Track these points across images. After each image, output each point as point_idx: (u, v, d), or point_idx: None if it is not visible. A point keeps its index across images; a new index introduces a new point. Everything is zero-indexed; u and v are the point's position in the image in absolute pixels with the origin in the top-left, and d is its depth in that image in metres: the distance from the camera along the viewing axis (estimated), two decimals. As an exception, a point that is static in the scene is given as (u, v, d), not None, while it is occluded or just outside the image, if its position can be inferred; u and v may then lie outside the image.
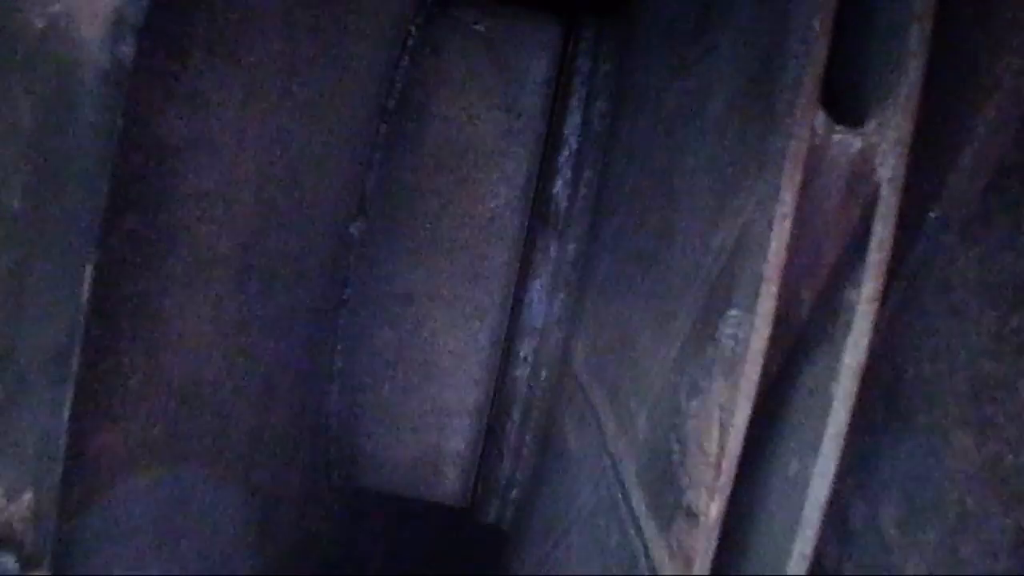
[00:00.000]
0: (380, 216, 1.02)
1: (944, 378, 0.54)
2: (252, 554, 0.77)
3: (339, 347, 1.03)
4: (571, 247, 1.08)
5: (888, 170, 0.47)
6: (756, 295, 0.48)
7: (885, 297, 0.64)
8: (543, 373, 1.08)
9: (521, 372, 1.08)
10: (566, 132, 1.10)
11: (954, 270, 0.54)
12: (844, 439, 0.49)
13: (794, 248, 0.49)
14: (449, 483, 1.14)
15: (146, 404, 0.52)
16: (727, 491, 0.48)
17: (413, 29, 1.06)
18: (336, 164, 0.90)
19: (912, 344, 0.58)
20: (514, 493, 1.14)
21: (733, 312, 0.51)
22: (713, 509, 0.49)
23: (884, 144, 0.47)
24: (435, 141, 1.05)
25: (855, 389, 0.49)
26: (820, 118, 0.47)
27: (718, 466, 0.49)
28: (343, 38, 0.81)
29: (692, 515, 0.51)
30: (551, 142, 1.08)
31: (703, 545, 0.49)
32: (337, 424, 1.05)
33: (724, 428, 0.49)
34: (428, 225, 1.04)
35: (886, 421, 0.60)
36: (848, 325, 0.48)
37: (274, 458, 0.83)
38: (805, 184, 0.48)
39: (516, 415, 1.10)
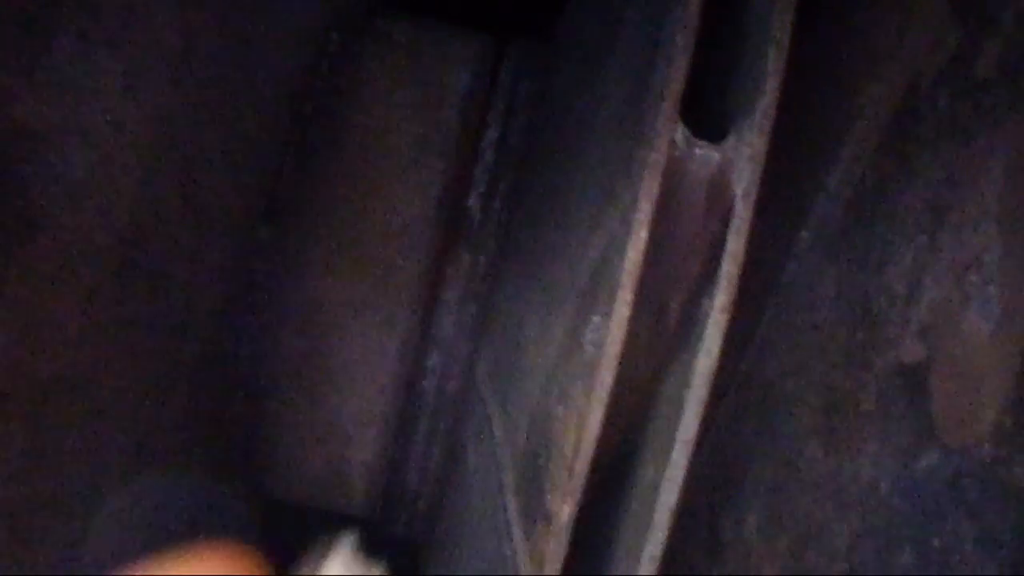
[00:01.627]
0: (291, 221, 1.01)
1: (804, 392, 0.55)
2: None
3: (243, 353, 1.02)
4: (483, 259, 1.08)
5: (743, 185, 0.48)
6: (613, 301, 0.48)
7: (760, 315, 0.65)
8: (450, 385, 1.08)
9: (429, 383, 1.08)
10: (483, 146, 1.10)
11: (819, 288, 0.55)
12: (693, 446, 0.50)
13: (658, 259, 0.50)
14: (357, 495, 1.13)
15: (2, 393, 0.51)
16: (578, 494, 0.49)
17: (334, 36, 1.06)
18: (241, 166, 0.89)
19: (779, 359, 0.59)
20: (421, 505, 1.14)
21: (595, 319, 0.52)
22: (565, 511, 0.49)
23: (740, 160, 0.48)
24: (351, 149, 1.05)
25: (706, 396, 0.49)
26: (680, 132, 0.48)
27: (571, 469, 0.49)
28: (251, 39, 0.81)
29: (548, 518, 0.52)
30: (468, 155, 1.08)
31: (554, 547, 0.50)
32: (241, 432, 1.03)
33: (579, 431, 0.49)
34: (340, 232, 1.04)
35: (755, 435, 0.61)
36: (701, 334, 0.49)
37: (164, 463, 0.82)
38: (666, 196, 0.48)
39: (423, 426, 1.09)
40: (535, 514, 0.55)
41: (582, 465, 0.48)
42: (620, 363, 0.48)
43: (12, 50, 0.45)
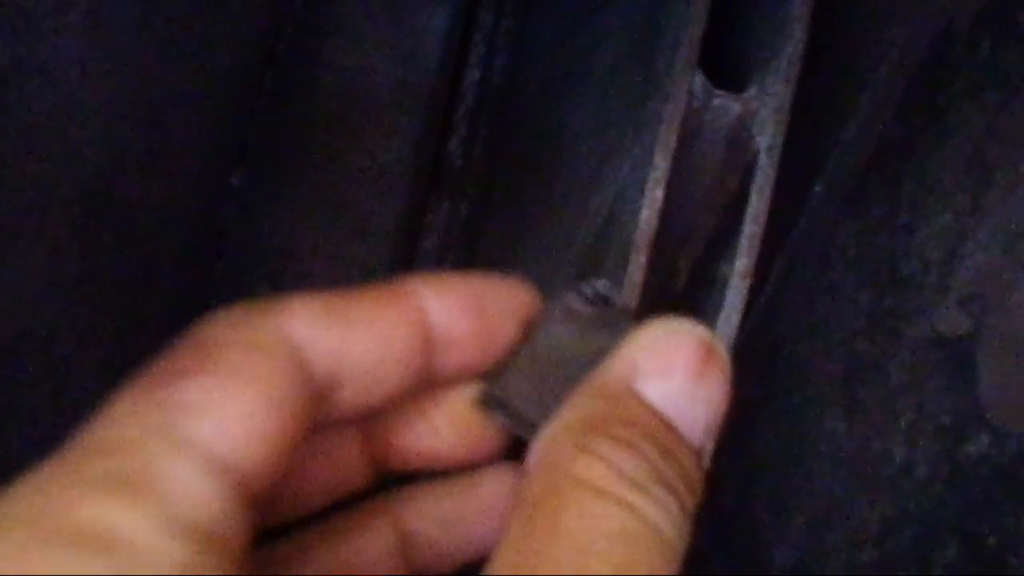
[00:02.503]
0: (263, 167, 0.97)
1: (819, 357, 0.52)
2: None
3: (214, 302, 0.98)
4: (463, 207, 1.04)
5: (767, 138, 0.44)
6: (625, 263, 0.45)
7: (767, 271, 0.62)
8: (429, 337, 1.04)
9: (407, 335, 1.03)
10: (464, 88, 1.06)
11: (834, 246, 0.52)
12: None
13: (669, 216, 0.46)
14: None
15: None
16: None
17: (307, -29, 1.00)
18: (211, 107, 0.84)
19: (790, 320, 0.56)
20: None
21: (602, 281, 0.48)
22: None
23: (764, 111, 0.44)
24: (325, 91, 1.00)
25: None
26: (698, 81, 0.45)
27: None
28: (221, -27, 0.76)
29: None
30: (448, 98, 1.04)
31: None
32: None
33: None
34: (314, 178, 0.99)
35: (761, 399, 0.58)
36: (720, 300, 0.46)
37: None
38: (681, 149, 0.45)
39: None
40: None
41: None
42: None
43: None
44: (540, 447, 0.31)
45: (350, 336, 0.31)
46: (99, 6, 0.53)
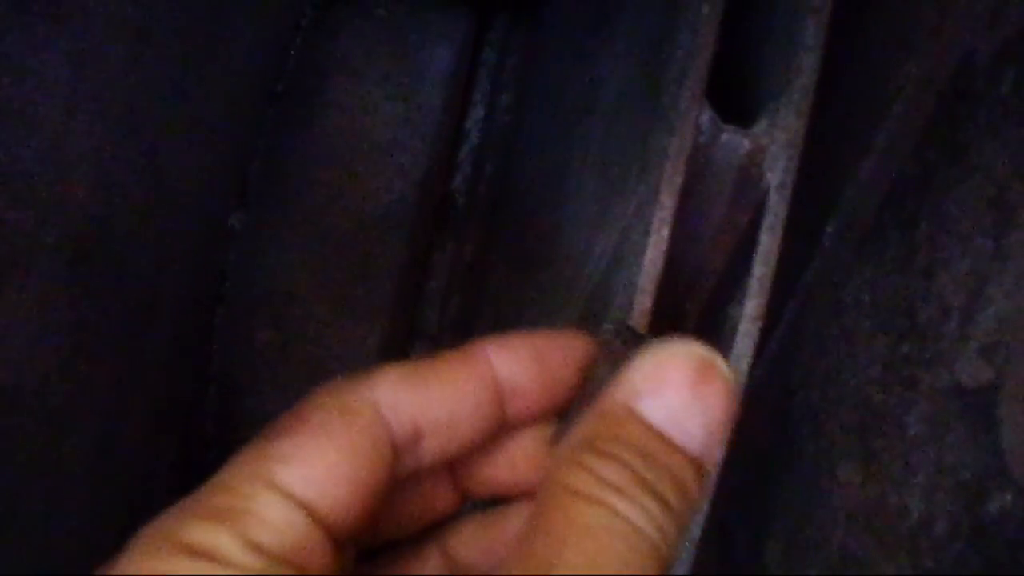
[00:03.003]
0: (264, 207, 0.95)
1: (833, 406, 0.50)
2: None
3: (216, 348, 0.96)
4: (468, 248, 1.02)
5: (778, 175, 0.42)
6: (630, 307, 0.43)
7: (779, 314, 0.60)
8: (434, 379, 1.02)
9: (411, 378, 1.01)
10: (468, 126, 1.05)
11: (848, 289, 0.50)
12: (720, 470, 0.45)
13: (676, 257, 0.44)
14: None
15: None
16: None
17: (308, 10, 0.99)
18: (209, 148, 0.83)
19: (803, 367, 0.54)
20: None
21: (607, 326, 0.46)
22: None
23: (774, 146, 0.42)
24: (327, 130, 0.99)
25: (736, 415, 0.44)
26: (706, 115, 0.43)
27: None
28: (218, 12, 0.75)
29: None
30: (452, 136, 1.02)
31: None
32: (215, 429, 0.98)
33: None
34: (316, 219, 0.98)
35: (774, 448, 0.56)
36: (729, 345, 0.44)
37: (129, 468, 0.77)
38: (688, 187, 0.43)
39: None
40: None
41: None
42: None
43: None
44: (548, 466, 0.36)
45: (427, 394, 0.37)
46: (85, 44, 0.51)
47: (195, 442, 0.96)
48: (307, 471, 0.34)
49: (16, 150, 0.48)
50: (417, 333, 1.04)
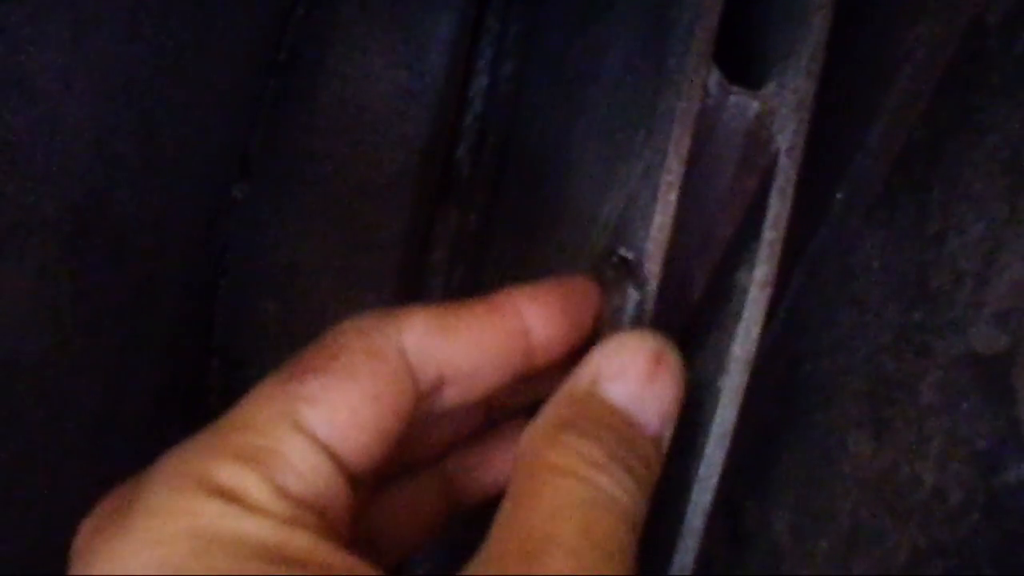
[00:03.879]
0: (265, 179, 0.94)
1: (843, 374, 0.49)
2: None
3: (218, 320, 0.96)
4: (472, 218, 1.02)
5: (787, 138, 0.42)
6: (640, 271, 0.43)
7: (786, 283, 0.59)
8: (439, 351, 1.01)
9: (416, 349, 1.01)
10: (471, 94, 1.03)
11: (857, 257, 0.49)
12: (731, 440, 0.44)
13: (683, 223, 0.43)
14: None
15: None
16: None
17: (309, -22, 0.98)
18: (209, 118, 0.82)
19: (811, 336, 0.53)
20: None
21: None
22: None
23: (784, 108, 0.41)
24: (328, 100, 0.98)
25: (744, 384, 0.44)
26: (714, 77, 0.42)
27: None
28: (216, -20, 0.74)
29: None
30: (455, 105, 1.01)
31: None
32: (217, 402, 0.98)
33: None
34: (318, 190, 0.97)
35: (782, 418, 0.55)
36: (738, 312, 0.43)
37: (130, 442, 0.76)
38: (695, 152, 0.42)
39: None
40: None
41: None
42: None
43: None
44: (522, 442, 0.38)
45: (455, 344, 0.38)
46: (82, 15, 0.51)
47: (197, 416, 0.96)
48: (332, 415, 0.35)
49: (14, 120, 0.47)
50: (422, 303, 1.03)
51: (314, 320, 0.99)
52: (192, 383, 0.93)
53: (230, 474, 0.33)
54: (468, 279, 1.02)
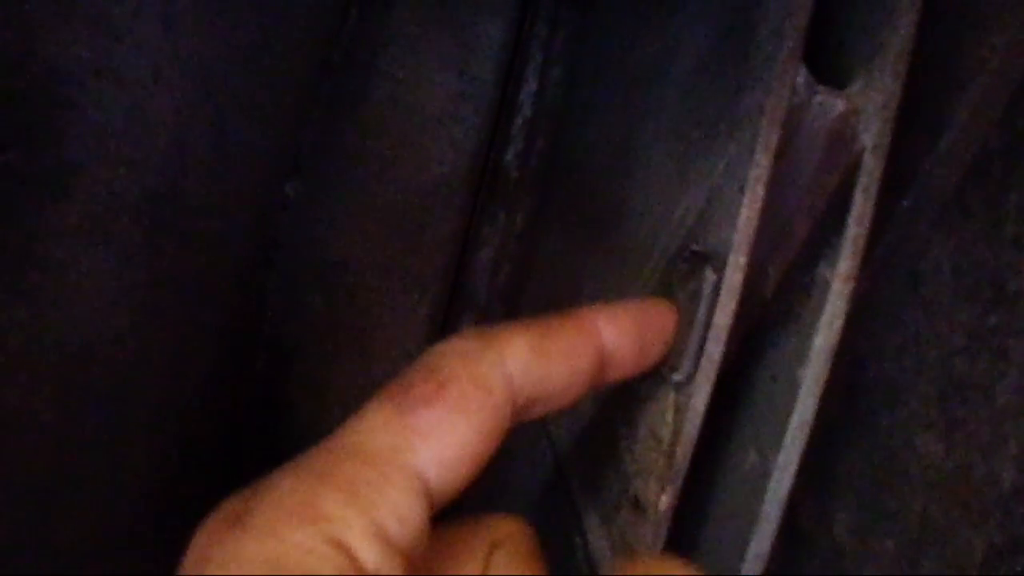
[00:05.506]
0: (317, 176, 0.96)
1: (910, 376, 0.50)
2: (155, 531, 0.72)
3: (267, 314, 0.97)
4: (519, 219, 1.03)
5: (872, 136, 0.42)
6: (723, 267, 0.43)
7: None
8: (482, 350, 1.02)
9: (460, 348, 1.02)
10: (521, 99, 1.05)
11: (926, 261, 0.50)
12: (809, 431, 0.45)
13: (764, 218, 0.44)
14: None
15: (29, 365, 0.47)
16: (679, 482, 0.44)
17: (363, -20, 1.00)
18: (270, 116, 0.84)
19: (876, 338, 0.54)
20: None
21: (691, 284, 0.46)
22: (664, 501, 0.44)
23: (869, 107, 0.42)
24: (380, 101, 0.99)
25: (825, 376, 0.44)
26: (802, 75, 0.42)
27: (671, 454, 0.44)
28: (283, -20, 0.75)
29: (639, 506, 0.47)
30: (504, 109, 1.03)
31: (650, 539, 0.45)
32: (264, 392, 0.99)
33: (680, 413, 0.44)
34: (368, 189, 0.98)
35: (843, 419, 0.56)
36: (820, 305, 0.44)
37: (185, 428, 0.78)
38: (781, 148, 0.43)
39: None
40: (616, 497, 0.50)
41: (683, 451, 0.43)
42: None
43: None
44: None
45: (550, 367, 0.38)
46: (174, 10, 0.52)
47: (244, 405, 0.97)
48: (442, 452, 0.34)
49: (107, 108, 0.48)
50: (466, 303, 1.04)
51: (359, 316, 1.01)
52: (241, 372, 0.94)
53: (336, 508, 0.32)
54: (513, 279, 1.03)
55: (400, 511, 0.33)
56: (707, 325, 0.43)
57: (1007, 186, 0.45)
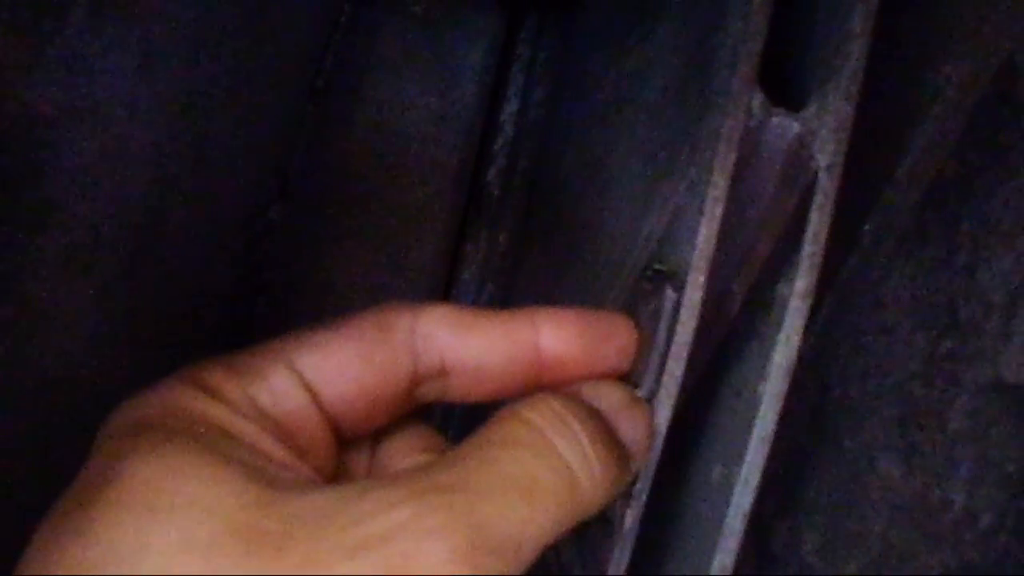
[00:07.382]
0: (303, 200, 0.97)
1: (872, 400, 0.51)
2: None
3: (255, 339, 0.97)
4: (502, 237, 1.04)
5: (827, 157, 0.44)
6: (683, 286, 0.44)
7: (816, 309, 0.61)
8: (468, 370, 1.03)
9: (445, 368, 1.02)
10: (502, 120, 1.06)
11: (887, 287, 0.51)
12: (770, 444, 0.46)
13: (725, 238, 0.45)
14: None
15: (8, 399, 0.47)
16: (644, 497, 0.45)
17: (347, 7, 1.01)
18: (254, 143, 0.85)
19: (840, 362, 0.55)
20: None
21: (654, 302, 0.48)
22: (628, 516, 0.45)
23: (824, 129, 0.44)
24: (365, 125, 1.00)
25: (785, 390, 0.46)
26: (757, 98, 0.44)
27: (636, 471, 0.45)
28: (264, 11, 0.76)
29: (606, 521, 0.48)
30: (486, 130, 1.04)
31: (616, 554, 0.46)
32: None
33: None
34: (353, 212, 1.00)
35: (811, 442, 0.57)
36: (779, 322, 0.45)
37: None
38: (739, 169, 0.44)
39: (439, 412, 1.05)
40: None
41: (648, 467, 0.45)
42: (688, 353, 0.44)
43: (23, 27, 0.41)
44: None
45: (463, 339, 0.41)
46: (151, 46, 0.53)
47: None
48: (321, 360, 0.39)
49: (84, 146, 0.49)
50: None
51: (346, 338, 1.01)
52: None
53: (217, 378, 0.39)
54: (497, 297, 1.04)
55: (272, 387, 0.39)
56: (668, 343, 0.44)
57: (960, 216, 0.46)
